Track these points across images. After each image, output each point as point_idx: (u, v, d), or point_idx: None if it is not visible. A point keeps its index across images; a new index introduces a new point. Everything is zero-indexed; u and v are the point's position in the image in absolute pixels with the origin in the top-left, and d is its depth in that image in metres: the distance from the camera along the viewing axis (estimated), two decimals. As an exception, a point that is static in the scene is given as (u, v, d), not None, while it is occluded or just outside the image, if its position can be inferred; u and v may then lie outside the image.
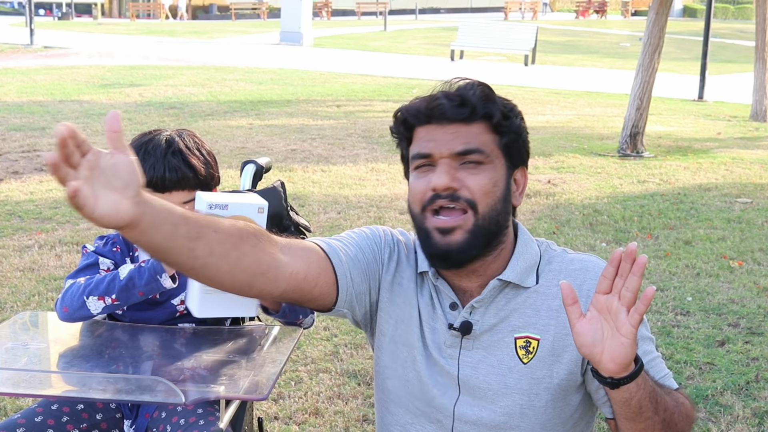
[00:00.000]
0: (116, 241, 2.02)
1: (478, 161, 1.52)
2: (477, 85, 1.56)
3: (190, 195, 1.92)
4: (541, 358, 1.54)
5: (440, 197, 1.50)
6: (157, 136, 1.97)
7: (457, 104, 1.52)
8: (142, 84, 14.20)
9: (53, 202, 6.34)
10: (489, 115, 1.54)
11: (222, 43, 24.78)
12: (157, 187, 1.90)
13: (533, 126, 11.01)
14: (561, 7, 51.49)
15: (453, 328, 1.57)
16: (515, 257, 1.58)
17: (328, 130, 10.10)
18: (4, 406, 3.19)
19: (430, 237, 1.52)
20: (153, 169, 1.89)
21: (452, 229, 1.50)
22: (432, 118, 1.53)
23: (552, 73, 19.02)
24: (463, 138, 1.51)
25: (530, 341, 1.55)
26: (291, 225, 2.33)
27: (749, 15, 40.57)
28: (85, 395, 1.63)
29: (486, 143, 1.53)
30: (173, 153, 1.91)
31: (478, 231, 1.50)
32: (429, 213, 1.52)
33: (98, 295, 1.83)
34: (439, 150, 1.51)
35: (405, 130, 1.58)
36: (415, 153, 1.55)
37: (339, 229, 5.69)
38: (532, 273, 1.58)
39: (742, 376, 3.55)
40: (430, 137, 1.53)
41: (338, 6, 42.79)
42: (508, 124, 1.57)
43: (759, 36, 12.26)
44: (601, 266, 1.56)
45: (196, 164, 1.93)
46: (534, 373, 1.54)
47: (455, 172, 1.50)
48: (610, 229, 5.92)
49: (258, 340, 1.88)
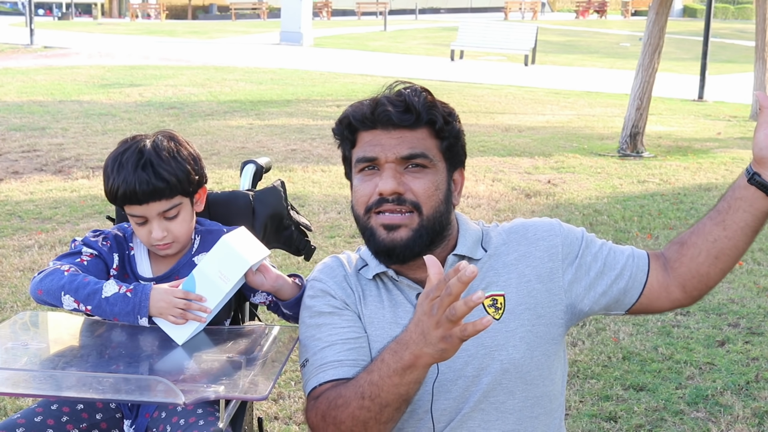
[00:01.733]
0: (108, 237, 2.02)
1: (423, 165, 1.59)
2: (421, 91, 1.62)
3: (169, 203, 1.91)
4: (511, 309, 1.63)
5: (387, 201, 1.58)
6: (132, 147, 1.93)
7: (402, 110, 1.59)
8: (142, 84, 14.20)
9: (53, 202, 6.34)
10: (432, 121, 1.61)
11: (222, 43, 24.78)
12: (131, 200, 1.89)
13: (533, 126, 11.02)
14: (561, 7, 51.49)
15: None
16: (461, 236, 1.68)
17: (328, 130, 9.95)
18: (4, 406, 3.19)
19: (375, 234, 1.61)
20: (126, 183, 1.88)
21: (398, 227, 1.59)
22: (377, 123, 1.60)
23: (552, 73, 19.03)
24: (408, 143, 1.59)
25: (496, 299, 1.63)
26: (291, 224, 2.33)
27: (749, 15, 40.57)
28: (85, 395, 1.63)
29: (429, 148, 1.61)
30: (143, 166, 1.88)
31: (422, 230, 1.59)
32: (373, 213, 1.61)
33: (75, 298, 1.83)
34: (384, 154, 1.59)
35: (349, 134, 1.65)
36: (360, 156, 1.62)
37: (339, 229, 5.69)
38: (478, 247, 1.69)
39: (742, 376, 3.55)
40: (376, 141, 1.60)
41: (338, 6, 42.79)
42: (449, 129, 1.63)
43: (759, 36, 12.26)
44: (535, 222, 1.72)
45: (166, 175, 1.91)
46: (507, 326, 1.62)
47: (401, 176, 1.58)
48: (610, 229, 5.92)
49: (258, 340, 1.88)
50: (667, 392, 3.40)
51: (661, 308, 1.68)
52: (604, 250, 1.68)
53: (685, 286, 1.64)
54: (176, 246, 1.96)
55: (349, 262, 1.74)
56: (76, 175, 7.36)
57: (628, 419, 3.19)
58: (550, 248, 1.67)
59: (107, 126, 10.02)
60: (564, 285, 1.66)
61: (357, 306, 1.68)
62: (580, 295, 1.66)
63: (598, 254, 1.67)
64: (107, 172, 1.93)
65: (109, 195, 1.94)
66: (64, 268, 1.89)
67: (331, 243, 5.37)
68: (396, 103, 1.59)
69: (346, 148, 1.68)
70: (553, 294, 1.65)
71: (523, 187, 7.20)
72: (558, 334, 1.67)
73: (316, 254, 2.44)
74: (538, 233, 1.68)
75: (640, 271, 1.66)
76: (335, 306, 1.67)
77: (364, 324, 1.66)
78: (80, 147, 8.65)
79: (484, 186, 7.20)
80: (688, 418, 3.21)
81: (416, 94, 1.60)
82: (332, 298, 1.68)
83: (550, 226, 1.71)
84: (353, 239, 5.49)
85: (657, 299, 1.65)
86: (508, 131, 10.48)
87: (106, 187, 1.94)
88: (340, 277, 1.71)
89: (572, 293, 1.66)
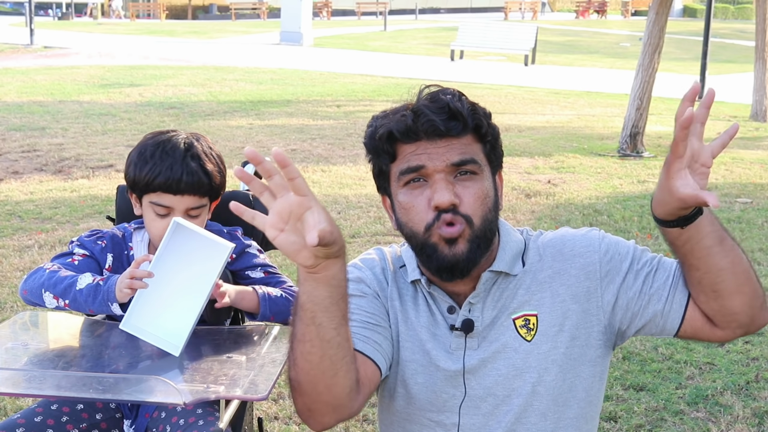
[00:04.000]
0: (104, 236, 2.03)
1: (473, 171, 1.52)
2: (460, 95, 1.54)
3: (200, 201, 1.93)
4: (543, 331, 1.56)
5: (444, 212, 1.49)
6: (175, 138, 1.95)
7: (447, 118, 1.50)
8: (142, 84, 14.20)
9: (53, 202, 6.34)
10: (478, 126, 1.54)
11: (222, 43, 24.78)
12: (170, 188, 1.90)
13: (533, 126, 11.01)
14: (561, 7, 51.48)
15: (455, 328, 1.57)
16: (501, 248, 1.59)
17: (328, 130, 10.10)
18: (4, 406, 3.19)
19: (438, 250, 1.51)
20: (170, 170, 1.89)
21: (456, 240, 1.51)
22: (421, 134, 1.51)
23: (552, 73, 19.02)
24: (457, 150, 1.51)
25: (528, 318, 1.57)
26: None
27: (749, 15, 40.56)
28: (85, 395, 1.63)
29: (477, 152, 1.54)
30: (192, 157, 1.91)
31: (478, 240, 1.52)
32: (435, 230, 1.51)
33: (54, 294, 1.84)
34: (433, 163, 1.50)
35: (389, 147, 1.54)
36: (405, 168, 1.52)
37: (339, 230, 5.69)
38: (518, 260, 1.61)
39: (742, 376, 3.55)
40: (422, 151, 1.51)
41: (338, 6, 42.78)
42: (492, 131, 1.57)
43: (759, 36, 12.26)
44: (574, 235, 1.62)
45: (211, 170, 1.93)
46: (539, 348, 1.56)
47: (453, 186, 1.50)
48: (610, 229, 5.91)
49: (258, 340, 1.88)
50: (667, 392, 3.40)
51: (712, 339, 1.60)
52: (645, 269, 1.59)
53: (717, 324, 1.56)
54: None
55: (393, 257, 1.68)
56: (76, 175, 7.36)
57: (628, 419, 3.19)
58: (587, 266, 1.58)
59: (107, 126, 10.02)
60: (602, 305, 1.58)
61: (390, 301, 1.63)
62: (618, 315, 1.59)
63: (639, 272, 1.59)
64: (144, 157, 1.92)
65: (144, 181, 1.92)
66: (47, 266, 1.90)
67: (331, 243, 5.37)
68: (439, 112, 1.50)
69: (383, 163, 1.56)
70: (590, 314, 1.58)
71: (523, 187, 7.20)
72: (596, 356, 1.60)
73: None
74: (576, 249, 1.59)
75: (677, 301, 1.57)
76: (365, 292, 1.62)
77: (395, 321, 1.62)
78: (80, 147, 8.65)
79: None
80: (688, 418, 3.21)
81: (458, 99, 1.52)
82: (365, 286, 1.62)
83: (589, 241, 1.61)
84: (353, 239, 5.49)
85: (701, 330, 1.57)
86: (508, 131, 10.47)
87: (140, 172, 1.92)
88: (378, 269, 1.65)
89: (611, 313, 1.59)
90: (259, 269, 2.05)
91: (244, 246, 2.05)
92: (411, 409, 1.62)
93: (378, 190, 1.62)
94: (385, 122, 1.54)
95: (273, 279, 2.04)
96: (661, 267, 1.61)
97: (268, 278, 2.04)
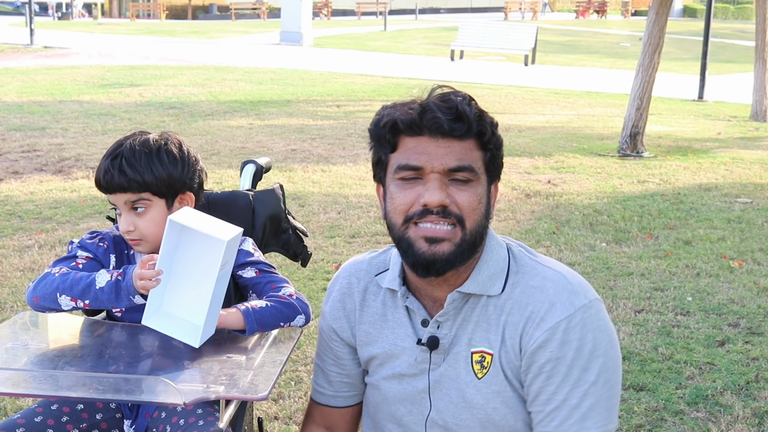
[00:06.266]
0: (105, 238, 2.03)
1: (468, 179, 1.52)
2: (470, 99, 1.53)
3: (135, 196, 1.95)
4: (494, 373, 1.57)
5: (431, 212, 1.50)
6: (121, 139, 2.01)
7: (453, 119, 1.49)
8: (142, 84, 14.20)
9: (53, 202, 6.34)
10: (482, 132, 1.53)
11: (222, 43, 24.78)
12: (101, 187, 1.97)
13: (533, 126, 11.02)
14: (561, 7, 51.48)
15: (420, 343, 1.60)
16: (477, 268, 1.58)
17: (328, 130, 10.10)
18: (4, 406, 3.19)
19: (414, 246, 1.52)
20: (99, 170, 1.97)
21: (441, 240, 1.50)
22: (425, 130, 1.51)
23: (552, 73, 19.02)
24: (456, 154, 1.50)
25: (485, 356, 1.57)
26: (289, 228, 2.33)
27: (749, 15, 40.56)
28: (85, 395, 1.63)
29: (475, 159, 1.53)
30: (113, 158, 1.95)
31: (464, 245, 1.51)
32: (412, 223, 1.52)
33: (71, 296, 1.84)
34: (431, 164, 1.50)
35: (391, 137, 1.54)
36: (404, 164, 1.52)
37: (339, 229, 5.69)
38: (498, 279, 1.58)
39: (742, 376, 3.55)
40: (422, 149, 1.51)
41: (338, 6, 42.78)
42: (495, 141, 1.56)
43: (759, 36, 12.26)
44: (560, 287, 1.54)
45: (130, 172, 1.92)
46: (489, 387, 1.57)
47: (446, 187, 1.50)
48: (610, 229, 5.92)
49: (258, 340, 1.88)
50: (667, 392, 3.40)
51: None
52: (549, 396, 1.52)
53: None
54: (145, 245, 1.96)
55: (370, 265, 1.72)
56: (76, 175, 7.36)
57: (628, 419, 3.19)
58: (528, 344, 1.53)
59: (107, 126, 10.02)
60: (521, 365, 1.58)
61: (359, 325, 1.72)
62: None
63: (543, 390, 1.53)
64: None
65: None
66: (55, 270, 1.90)
67: (331, 243, 5.37)
68: (446, 111, 1.49)
69: (382, 152, 1.57)
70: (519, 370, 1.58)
71: (523, 187, 7.20)
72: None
73: (315, 255, 2.43)
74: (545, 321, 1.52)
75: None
76: (330, 338, 1.76)
77: (358, 343, 1.72)
78: (80, 147, 8.65)
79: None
80: (688, 418, 3.21)
81: (467, 103, 1.51)
82: (332, 332, 1.76)
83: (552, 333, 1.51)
84: (353, 239, 5.50)
85: None
86: (508, 131, 10.47)
87: None
88: (337, 306, 1.75)
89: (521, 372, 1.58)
90: (251, 268, 2.02)
91: None
92: (378, 416, 1.72)
93: (374, 178, 1.64)
94: (391, 111, 1.54)
95: (265, 278, 2.00)
96: (556, 414, 1.52)
97: (260, 277, 2.00)
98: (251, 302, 1.91)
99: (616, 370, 1.54)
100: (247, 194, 2.24)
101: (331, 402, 1.79)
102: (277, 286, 1.98)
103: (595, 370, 1.50)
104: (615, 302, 4.43)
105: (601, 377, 1.51)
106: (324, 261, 4.97)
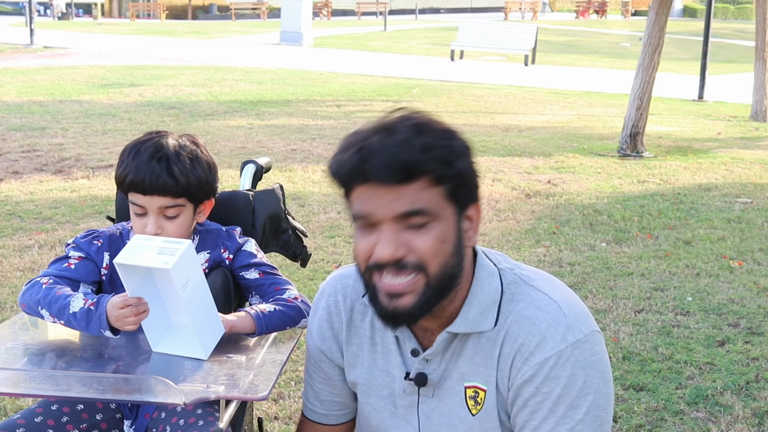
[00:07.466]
0: (101, 236, 2.03)
1: (424, 222, 1.38)
2: (415, 133, 1.37)
3: (172, 201, 1.93)
4: (488, 409, 1.51)
5: (385, 267, 1.39)
6: (154, 139, 1.96)
7: (389, 166, 1.35)
8: (142, 84, 14.20)
9: (53, 202, 6.34)
10: (429, 171, 1.37)
11: (222, 43, 24.78)
12: (137, 188, 1.91)
13: (533, 126, 11.02)
14: (561, 7, 51.47)
15: (408, 378, 1.55)
16: (467, 303, 1.48)
17: (328, 130, 10.10)
18: (4, 406, 3.19)
19: (377, 297, 1.43)
20: (137, 170, 1.91)
21: (401, 294, 1.40)
22: (369, 176, 1.37)
23: (552, 73, 19.02)
24: (406, 198, 1.37)
25: (478, 392, 1.51)
26: (289, 228, 2.34)
27: (749, 15, 40.55)
28: (85, 395, 1.63)
29: (431, 199, 1.38)
30: (158, 159, 1.91)
31: (430, 292, 1.40)
32: (375, 272, 1.42)
33: (50, 312, 1.86)
34: (380, 212, 1.38)
35: (341, 184, 1.44)
36: (355, 212, 1.42)
37: (339, 229, 5.69)
38: (490, 313, 1.49)
39: (742, 376, 3.55)
40: (369, 196, 1.38)
41: (338, 6, 42.78)
42: (452, 173, 1.39)
43: (759, 36, 12.26)
44: (554, 320, 1.45)
45: (178, 174, 1.92)
46: (483, 425, 1.52)
47: (400, 234, 1.38)
48: (610, 229, 5.92)
49: (258, 340, 1.88)
50: (667, 392, 3.40)
51: None
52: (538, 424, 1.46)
53: None
54: None
55: (355, 285, 1.62)
56: (76, 175, 7.35)
57: (628, 419, 3.19)
58: (525, 382, 1.46)
59: (107, 126, 10.02)
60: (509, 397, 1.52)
61: (339, 352, 1.67)
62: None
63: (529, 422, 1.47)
64: (123, 156, 1.96)
65: (118, 179, 1.96)
66: (43, 280, 1.92)
67: (331, 243, 5.37)
68: (387, 155, 1.35)
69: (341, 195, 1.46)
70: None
71: (523, 187, 7.20)
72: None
73: (315, 255, 2.43)
74: (534, 356, 1.45)
75: None
76: (319, 358, 1.71)
77: (345, 365, 1.66)
78: (80, 147, 8.65)
79: (484, 186, 7.19)
80: (688, 418, 3.21)
81: (407, 141, 1.36)
82: (320, 353, 1.70)
83: (541, 365, 1.44)
84: (353, 239, 5.49)
85: None
86: (508, 131, 10.47)
87: (117, 171, 1.97)
88: (325, 326, 1.67)
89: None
90: (254, 269, 2.03)
91: (239, 245, 2.05)
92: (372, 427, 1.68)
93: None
94: (339, 157, 1.42)
95: (268, 280, 2.01)
96: None
97: (263, 279, 2.01)
98: (260, 306, 1.92)
99: (607, 407, 1.47)
100: (247, 194, 2.24)
101: (324, 420, 1.75)
102: (281, 288, 2.00)
103: (584, 408, 1.44)
104: (615, 302, 4.43)
105: (590, 415, 1.44)
106: (324, 261, 4.97)
